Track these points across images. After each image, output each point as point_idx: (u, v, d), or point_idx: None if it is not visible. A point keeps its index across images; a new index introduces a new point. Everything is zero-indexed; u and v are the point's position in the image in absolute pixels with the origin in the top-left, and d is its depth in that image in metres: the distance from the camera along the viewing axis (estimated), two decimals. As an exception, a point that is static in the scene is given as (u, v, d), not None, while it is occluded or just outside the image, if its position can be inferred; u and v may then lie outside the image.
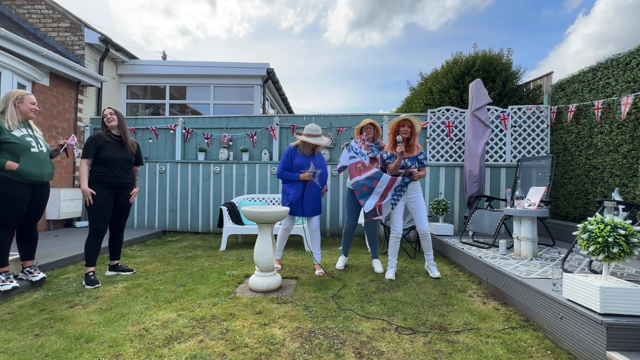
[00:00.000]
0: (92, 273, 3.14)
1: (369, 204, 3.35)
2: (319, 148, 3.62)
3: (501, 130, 5.46)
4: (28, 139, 2.77)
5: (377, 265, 3.72)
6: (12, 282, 2.78)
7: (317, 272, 3.52)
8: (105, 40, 6.51)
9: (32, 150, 2.76)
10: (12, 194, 2.68)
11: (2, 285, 2.72)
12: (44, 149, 2.87)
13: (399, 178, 3.33)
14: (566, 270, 2.83)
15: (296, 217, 3.61)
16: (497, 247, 3.89)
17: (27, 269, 3.02)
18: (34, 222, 2.99)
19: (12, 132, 2.68)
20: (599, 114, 4.30)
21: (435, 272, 3.49)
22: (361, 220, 4.39)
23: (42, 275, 3.04)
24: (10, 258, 2.98)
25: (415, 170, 3.38)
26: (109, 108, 3.27)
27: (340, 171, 3.63)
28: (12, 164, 2.64)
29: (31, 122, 2.94)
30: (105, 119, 3.22)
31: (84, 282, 3.11)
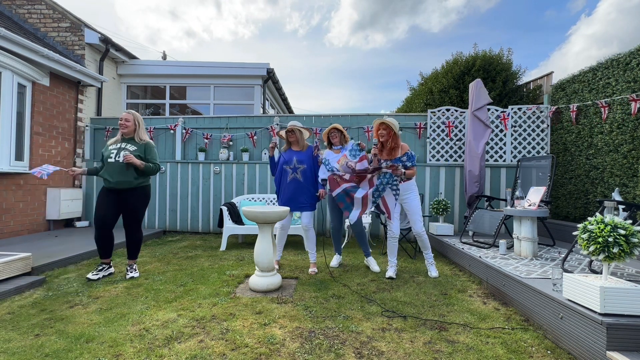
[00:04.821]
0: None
1: (353, 215, 3.42)
2: (301, 142, 3.61)
3: (501, 130, 5.46)
4: (113, 151, 3.22)
5: (373, 264, 3.72)
6: (97, 275, 3.27)
7: (310, 270, 3.58)
8: (106, 40, 6.50)
9: (109, 160, 3.22)
10: (99, 197, 3.29)
11: (93, 275, 3.26)
12: (120, 159, 3.19)
13: (376, 183, 3.38)
14: (566, 270, 2.83)
15: (293, 216, 3.64)
16: (497, 247, 3.89)
17: (127, 266, 3.46)
18: (128, 226, 3.37)
19: (108, 147, 3.28)
20: (606, 112, 4.28)
21: (433, 272, 3.50)
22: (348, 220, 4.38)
23: (136, 273, 3.41)
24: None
25: (398, 167, 3.32)
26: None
27: (322, 184, 3.52)
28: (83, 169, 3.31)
29: (136, 136, 3.33)
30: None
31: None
